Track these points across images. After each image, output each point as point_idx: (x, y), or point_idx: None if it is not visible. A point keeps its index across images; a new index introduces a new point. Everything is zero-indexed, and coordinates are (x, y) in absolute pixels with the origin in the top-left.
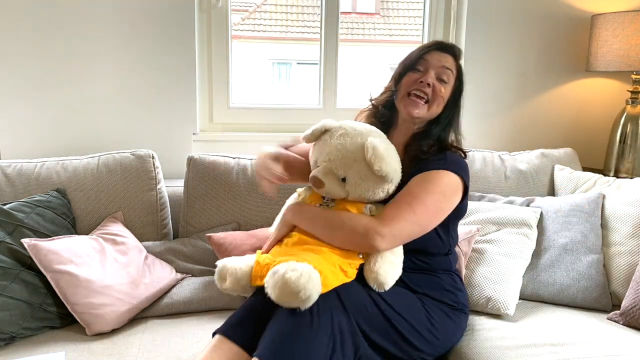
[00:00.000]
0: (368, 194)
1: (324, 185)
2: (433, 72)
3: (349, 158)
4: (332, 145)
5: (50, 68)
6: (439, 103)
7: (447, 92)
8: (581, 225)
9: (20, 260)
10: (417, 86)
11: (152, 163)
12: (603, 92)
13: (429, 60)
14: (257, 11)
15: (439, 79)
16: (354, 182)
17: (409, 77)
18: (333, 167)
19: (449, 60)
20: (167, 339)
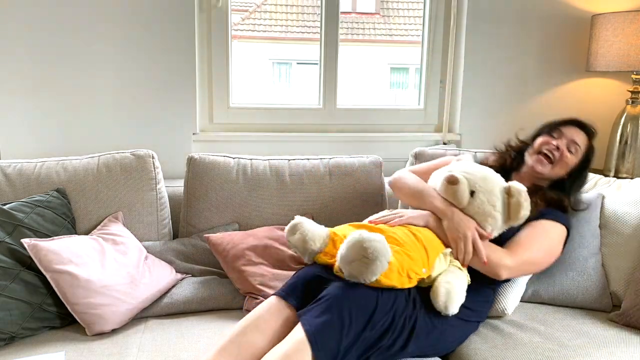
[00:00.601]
0: (480, 218)
1: (458, 183)
2: (565, 141)
3: (490, 183)
4: (477, 167)
5: (51, 68)
6: (562, 167)
7: (572, 161)
8: (580, 226)
9: (20, 260)
10: (548, 147)
11: (152, 163)
12: (603, 92)
13: (563, 131)
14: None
15: (567, 149)
16: (480, 202)
17: (543, 139)
18: (471, 179)
19: (581, 136)
20: (167, 339)
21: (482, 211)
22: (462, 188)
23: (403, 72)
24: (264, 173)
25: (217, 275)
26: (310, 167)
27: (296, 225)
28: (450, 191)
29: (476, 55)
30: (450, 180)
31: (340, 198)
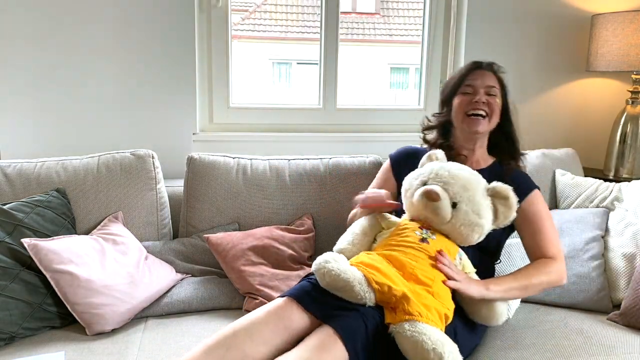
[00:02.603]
0: (466, 229)
1: (439, 199)
2: (482, 91)
3: (471, 189)
4: (452, 172)
5: (51, 68)
6: (496, 114)
7: (499, 103)
8: (585, 234)
9: (20, 260)
10: (473, 106)
11: (152, 163)
12: (603, 92)
13: (474, 82)
14: (257, 11)
15: (488, 94)
16: (465, 212)
17: (461, 100)
18: (450, 190)
19: (490, 77)
20: (167, 339)
21: (468, 222)
22: (445, 204)
23: (403, 72)
24: (264, 173)
25: (217, 275)
26: (310, 167)
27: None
28: (430, 208)
29: (476, 55)
30: (430, 197)
31: (340, 198)
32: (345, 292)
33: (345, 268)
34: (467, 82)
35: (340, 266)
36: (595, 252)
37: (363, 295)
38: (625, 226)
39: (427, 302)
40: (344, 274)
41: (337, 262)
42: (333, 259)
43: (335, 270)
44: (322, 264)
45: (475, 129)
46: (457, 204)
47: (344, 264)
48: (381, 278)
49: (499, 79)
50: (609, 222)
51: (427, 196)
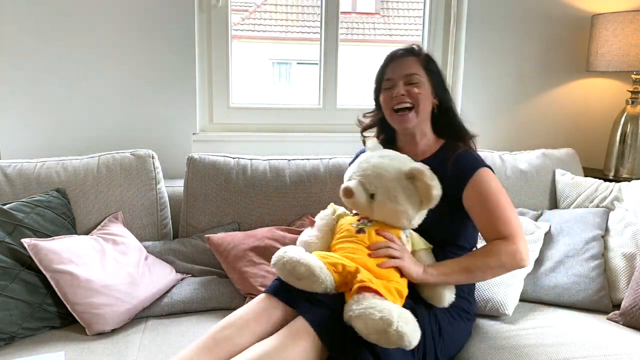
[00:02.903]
0: (391, 217)
1: (353, 196)
2: (401, 83)
3: (385, 177)
4: (370, 162)
5: (51, 68)
6: (423, 101)
7: (426, 88)
8: (585, 234)
9: (20, 260)
10: (395, 101)
11: (152, 163)
12: (603, 92)
13: (392, 74)
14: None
15: (409, 84)
16: (382, 201)
17: (384, 96)
18: (366, 182)
19: (409, 63)
20: (167, 339)
21: (388, 210)
22: (358, 198)
23: None
24: (264, 173)
25: (217, 276)
26: (310, 167)
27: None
28: (350, 204)
29: (476, 55)
30: (345, 193)
31: (340, 198)
32: (307, 279)
33: (303, 255)
34: (386, 76)
35: (298, 254)
36: (595, 251)
37: (324, 279)
38: (625, 226)
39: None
40: (304, 259)
41: (295, 250)
42: (290, 249)
43: (295, 257)
44: (280, 254)
45: (404, 126)
46: (374, 194)
47: (301, 252)
48: (334, 259)
49: (423, 61)
50: (609, 222)
51: (343, 194)
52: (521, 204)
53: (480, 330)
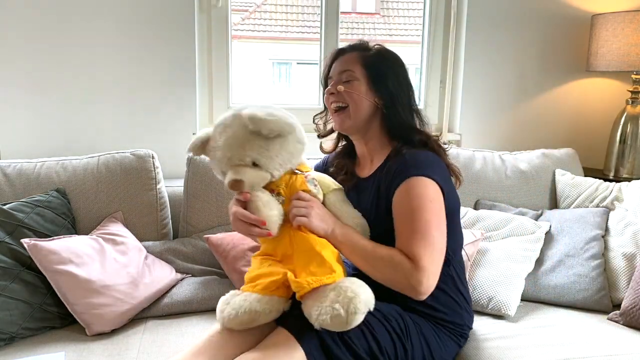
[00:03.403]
0: (287, 161)
1: (243, 182)
2: (334, 81)
3: (245, 142)
4: (223, 144)
5: (50, 68)
6: (354, 100)
7: (359, 86)
8: (585, 233)
9: (20, 260)
10: (328, 101)
11: (152, 163)
12: (603, 92)
13: (332, 72)
14: (257, 11)
15: (342, 81)
16: (266, 159)
17: (325, 96)
18: (236, 161)
19: (346, 60)
20: (167, 339)
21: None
22: (249, 178)
23: None
24: None
25: (217, 276)
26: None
27: None
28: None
29: (476, 55)
30: (236, 187)
31: None
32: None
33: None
34: (330, 75)
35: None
36: (595, 251)
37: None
38: (625, 226)
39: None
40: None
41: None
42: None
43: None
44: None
45: (338, 128)
46: (258, 164)
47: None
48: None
49: (364, 57)
50: (609, 222)
51: (234, 189)
52: (521, 204)
53: (480, 329)
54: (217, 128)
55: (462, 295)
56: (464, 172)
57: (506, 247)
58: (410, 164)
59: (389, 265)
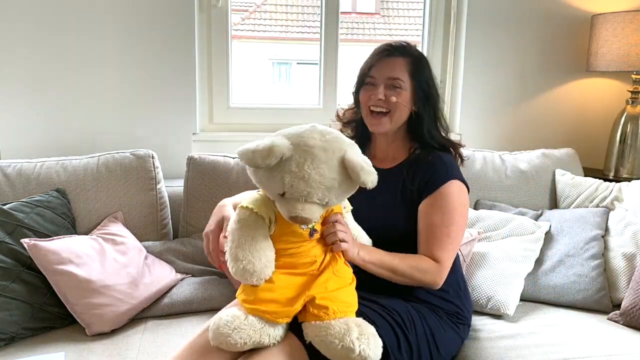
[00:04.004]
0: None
1: (312, 220)
2: (382, 86)
3: (332, 185)
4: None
5: (50, 68)
6: (400, 109)
7: (406, 95)
8: (585, 233)
9: (20, 261)
10: (372, 102)
11: (152, 163)
12: (603, 92)
13: (375, 73)
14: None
15: (390, 87)
16: (335, 202)
17: (364, 94)
18: (315, 199)
19: (395, 65)
20: (167, 339)
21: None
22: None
23: None
24: None
25: (217, 276)
26: None
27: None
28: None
29: (476, 55)
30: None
31: None
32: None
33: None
34: (370, 72)
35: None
36: (595, 251)
37: (270, 338)
38: (625, 226)
39: (330, 290)
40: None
41: (235, 329)
42: (225, 327)
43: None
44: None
45: (377, 130)
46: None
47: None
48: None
49: (410, 64)
50: (609, 222)
51: (297, 223)
52: (521, 204)
53: (480, 329)
54: (302, 154)
55: (461, 276)
56: (464, 172)
57: (506, 247)
58: (448, 167)
59: (416, 274)
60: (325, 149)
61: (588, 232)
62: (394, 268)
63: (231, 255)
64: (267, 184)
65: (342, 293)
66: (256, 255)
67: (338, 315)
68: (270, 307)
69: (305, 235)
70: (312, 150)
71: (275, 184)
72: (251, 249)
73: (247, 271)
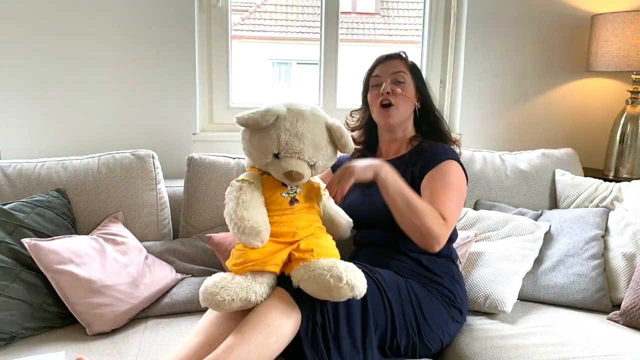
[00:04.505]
0: (322, 169)
1: (303, 177)
2: (388, 80)
3: (321, 145)
4: (301, 134)
5: (51, 68)
6: (405, 101)
7: (410, 89)
8: (585, 233)
9: (21, 260)
10: (381, 98)
11: (152, 163)
12: (603, 92)
13: (379, 72)
14: (257, 11)
15: (395, 82)
16: (322, 165)
17: (371, 95)
18: (306, 157)
19: (396, 64)
20: (167, 339)
21: (324, 167)
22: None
23: None
24: None
25: None
26: None
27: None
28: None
29: (476, 55)
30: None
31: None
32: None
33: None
34: (374, 74)
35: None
36: (595, 251)
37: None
38: (625, 226)
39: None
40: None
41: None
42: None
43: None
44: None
45: (387, 121)
46: (314, 164)
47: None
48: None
49: (408, 65)
50: (608, 222)
51: (291, 179)
52: (521, 204)
53: (479, 329)
54: (295, 115)
55: (457, 268)
56: None
57: (505, 247)
58: (442, 151)
59: (427, 215)
60: (314, 114)
61: (588, 232)
62: (411, 198)
63: (237, 216)
64: (262, 147)
65: (324, 240)
66: (260, 216)
67: (322, 256)
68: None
69: (286, 204)
70: (304, 113)
71: (271, 143)
72: (255, 210)
73: (253, 229)
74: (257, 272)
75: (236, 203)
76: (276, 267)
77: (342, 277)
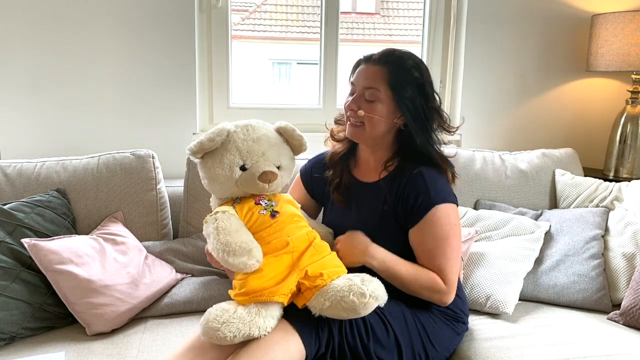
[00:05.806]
0: (287, 176)
1: (277, 176)
2: (357, 94)
3: (280, 147)
4: (257, 139)
5: (51, 68)
6: (372, 123)
7: (382, 108)
8: (585, 233)
9: (21, 260)
10: (349, 113)
11: (152, 163)
12: (603, 92)
13: (355, 80)
14: (257, 11)
15: (363, 99)
16: (286, 166)
17: (346, 100)
18: (270, 159)
19: (375, 75)
20: (167, 339)
21: (290, 170)
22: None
23: None
24: None
25: (217, 276)
26: None
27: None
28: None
29: (476, 55)
30: (272, 178)
31: None
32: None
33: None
34: (351, 78)
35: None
36: (595, 251)
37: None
38: (625, 226)
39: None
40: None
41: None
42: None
43: (229, 335)
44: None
45: (351, 138)
46: (279, 166)
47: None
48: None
49: (391, 74)
50: (609, 222)
51: (267, 179)
52: (521, 204)
53: (480, 329)
54: (243, 126)
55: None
56: (464, 172)
57: (505, 247)
58: (431, 190)
59: (429, 289)
60: (259, 122)
61: (588, 232)
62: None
63: (222, 243)
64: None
65: (329, 259)
66: (244, 236)
67: (334, 277)
68: (264, 286)
69: (268, 219)
70: (250, 123)
71: (234, 157)
72: (238, 233)
73: (243, 249)
74: (262, 303)
75: (217, 233)
76: (284, 298)
77: (364, 293)
